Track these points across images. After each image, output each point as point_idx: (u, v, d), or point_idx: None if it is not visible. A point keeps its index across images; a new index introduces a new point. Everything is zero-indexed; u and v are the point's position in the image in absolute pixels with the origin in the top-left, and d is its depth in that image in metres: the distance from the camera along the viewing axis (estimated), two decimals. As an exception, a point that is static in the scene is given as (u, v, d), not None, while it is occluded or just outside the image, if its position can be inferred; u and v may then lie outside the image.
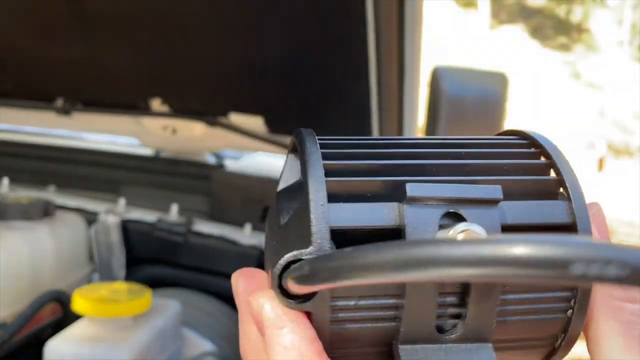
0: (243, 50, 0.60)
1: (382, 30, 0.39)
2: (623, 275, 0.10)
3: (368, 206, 0.15)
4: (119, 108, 0.75)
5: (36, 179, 0.81)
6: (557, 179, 0.17)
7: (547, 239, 0.10)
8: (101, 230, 0.70)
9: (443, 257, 0.11)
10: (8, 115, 0.81)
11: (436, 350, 0.16)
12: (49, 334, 0.52)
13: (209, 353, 0.57)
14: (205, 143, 0.80)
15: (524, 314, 0.16)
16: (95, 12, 0.60)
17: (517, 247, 0.10)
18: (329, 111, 0.68)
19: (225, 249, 0.69)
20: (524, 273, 0.10)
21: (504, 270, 0.10)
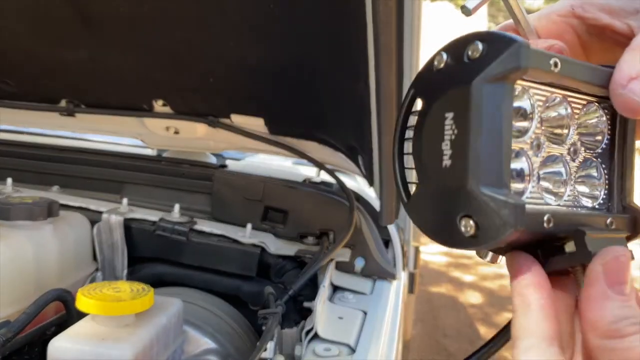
0: (244, 53, 0.61)
1: (381, 32, 0.40)
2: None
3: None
4: (122, 109, 0.76)
5: (40, 179, 0.82)
6: None
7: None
8: (104, 229, 0.70)
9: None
10: (13, 116, 0.81)
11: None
12: (52, 332, 0.53)
13: (211, 351, 0.58)
14: (207, 143, 0.81)
15: None
16: (99, 15, 0.60)
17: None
18: (329, 112, 0.68)
19: (226, 248, 0.70)
20: None
21: None
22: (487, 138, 0.18)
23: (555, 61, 0.19)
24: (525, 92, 0.20)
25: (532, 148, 0.20)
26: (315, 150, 0.76)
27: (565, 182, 0.21)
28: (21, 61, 0.72)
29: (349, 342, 0.53)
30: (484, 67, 0.18)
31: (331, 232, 0.73)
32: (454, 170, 0.19)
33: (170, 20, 0.58)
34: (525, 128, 0.20)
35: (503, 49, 0.18)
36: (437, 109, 0.20)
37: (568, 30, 0.23)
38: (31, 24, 0.64)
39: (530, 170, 0.20)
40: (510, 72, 0.18)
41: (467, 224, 0.19)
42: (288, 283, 0.67)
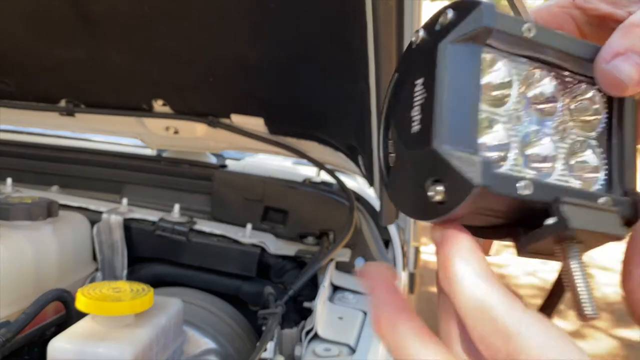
0: (244, 52, 0.61)
1: (381, 32, 0.40)
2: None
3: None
4: (121, 109, 0.76)
5: (40, 179, 0.82)
6: None
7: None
8: (104, 229, 0.70)
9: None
10: (12, 116, 0.81)
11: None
12: (52, 333, 0.53)
13: (211, 351, 0.58)
14: (207, 143, 0.81)
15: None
16: (98, 14, 0.60)
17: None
18: (329, 112, 0.68)
19: (226, 248, 0.70)
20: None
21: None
22: (452, 95, 0.18)
23: (529, 27, 0.19)
24: (498, 60, 0.19)
25: (511, 120, 0.20)
26: (315, 150, 0.76)
27: (553, 159, 0.20)
28: (20, 61, 0.72)
29: (349, 342, 0.53)
30: (452, 29, 0.18)
31: (331, 232, 0.72)
32: (421, 134, 0.18)
33: (170, 19, 0.58)
34: (502, 97, 0.19)
35: (470, 11, 0.18)
36: (409, 78, 0.19)
37: (569, 21, 0.22)
38: (31, 24, 0.64)
39: (508, 141, 0.19)
40: (475, 32, 0.18)
41: (435, 190, 0.18)
42: (288, 283, 0.67)
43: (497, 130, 0.19)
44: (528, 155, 0.20)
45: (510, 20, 0.19)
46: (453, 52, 0.18)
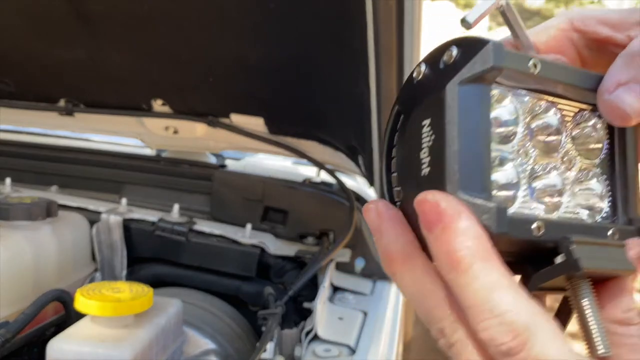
0: (244, 52, 0.61)
1: (381, 32, 0.39)
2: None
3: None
4: (121, 109, 0.76)
5: (39, 179, 0.82)
6: None
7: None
8: (103, 229, 0.70)
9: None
10: (11, 116, 0.81)
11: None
12: (51, 333, 0.52)
13: (210, 351, 0.57)
14: (206, 143, 0.80)
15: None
16: (98, 14, 0.60)
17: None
18: (329, 112, 0.68)
19: (226, 248, 0.70)
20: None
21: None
22: (463, 140, 0.17)
23: (535, 62, 0.19)
24: (506, 97, 0.19)
25: (520, 156, 0.20)
26: (315, 150, 0.76)
27: (560, 192, 0.20)
28: (20, 60, 0.71)
29: (349, 343, 0.53)
30: (458, 70, 0.18)
31: (331, 233, 0.72)
32: (432, 177, 0.18)
33: (170, 19, 0.58)
34: (510, 134, 0.19)
35: (476, 50, 0.18)
36: (415, 118, 0.19)
37: (568, 45, 0.22)
38: (30, 23, 0.64)
39: (518, 178, 0.19)
40: (485, 73, 0.18)
41: None
42: (288, 283, 0.67)
43: (507, 169, 0.19)
44: (536, 189, 0.20)
45: (516, 58, 0.19)
46: (462, 94, 0.18)
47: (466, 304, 0.16)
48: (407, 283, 0.18)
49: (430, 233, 0.17)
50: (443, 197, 0.17)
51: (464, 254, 0.16)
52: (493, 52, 0.18)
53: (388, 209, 0.19)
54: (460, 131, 0.18)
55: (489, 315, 0.16)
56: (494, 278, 0.16)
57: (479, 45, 0.18)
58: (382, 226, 0.19)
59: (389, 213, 0.19)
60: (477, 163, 0.18)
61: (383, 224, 0.19)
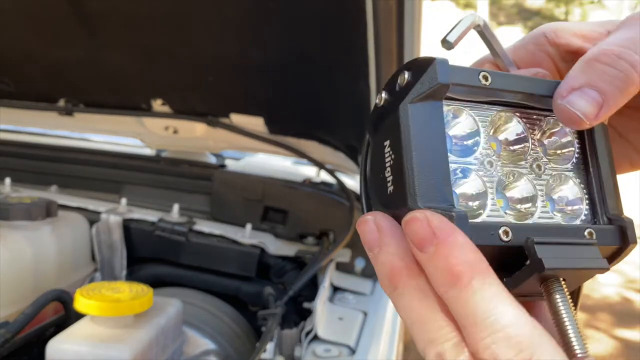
0: (244, 52, 0.61)
1: (381, 32, 0.39)
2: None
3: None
4: (120, 108, 0.76)
5: (39, 179, 0.82)
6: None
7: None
8: (103, 229, 0.70)
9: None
10: (11, 116, 0.81)
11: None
12: (51, 333, 0.52)
13: (210, 351, 0.57)
14: (206, 143, 0.80)
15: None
16: (97, 14, 0.60)
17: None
18: (329, 112, 0.68)
19: (226, 248, 0.70)
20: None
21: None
22: (418, 154, 0.18)
23: (485, 75, 0.19)
24: (462, 111, 0.20)
25: (485, 166, 0.20)
26: (315, 150, 0.76)
27: (533, 199, 0.20)
28: (19, 60, 0.71)
29: (349, 343, 0.53)
30: (409, 89, 0.19)
31: (331, 233, 0.72)
32: (395, 195, 0.19)
33: (169, 19, 0.58)
34: (471, 146, 0.20)
35: (424, 69, 0.19)
36: (378, 141, 0.20)
37: (544, 58, 0.23)
38: (29, 24, 0.64)
39: (485, 188, 0.19)
40: (433, 90, 0.18)
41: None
42: (288, 283, 0.67)
43: (472, 179, 0.19)
44: (508, 198, 0.20)
45: (465, 72, 0.19)
46: (414, 111, 0.18)
47: (467, 321, 0.16)
48: (407, 301, 0.18)
49: (423, 251, 0.17)
50: (434, 215, 0.17)
51: (463, 268, 0.16)
52: (439, 70, 0.18)
53: (388, 222, 0.19)
54: (414, 146, 0.18)
55: (490, 331, 0.16)
56: (494, 292, 0.16)
57: (426, 65, 0.19)
58: (383, 240, 0.19)
59: (390, 225, 0.19)
60: (434, 175, 0.18)
61: (385, 238, 0.19)
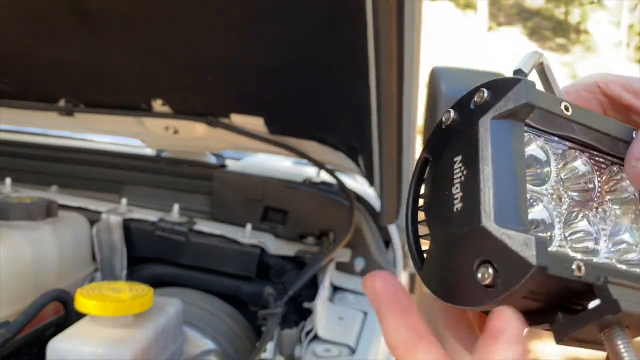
0: (244, 52, 0.61)
1: (381, 32, 0.39)
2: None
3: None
4: (121, 109, 0.76)
5: (39, 179, 0.82)
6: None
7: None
8: (103, 229, 0.70)
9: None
10: (11, 116, 0.81)
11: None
12: (51, 333, 0.52)
13: (210, 351, 0.57)
14: (206, 143, 0.80)
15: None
16: (98, 14, 0.60)
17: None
18: (329, 112, 0.68)
19: (226, 248, 0.70)
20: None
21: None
22: (497, 172, 0.17)
23: (567, 105, 0.19)
24: (537, 139, 0.19)
25: (553, 200, 0.19)
26: (315, 150, 0.76)
27: (596, 241, 0.20)
28: (19, 60, 0.71)
29: (349, 343, 0.53)
30: (490, 107, 0.18)
31: (331, 232, 0.72)
32: (466, 212, 0.17)
33: (169, 19, 0.58)
34: (543, 176, 0.19)
35: (509, 88, 0.18)
36: (446, 158, 0.19)
37: (595, 105, 0.22)
38: (29, 23, 0.64)
39: (552, 220, 0.18)
40: (518, 109, 0.18)
41: (484, 271, 0.16)
42: (288, 283, 0.67)
43: (541, 209, 0.19)
44: (570, 235, 0.19)
45: (549, 98, 0.19)
46: (495, 127, 0.18)
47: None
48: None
49: (494, 340, 0.17)
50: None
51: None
52: (526, 89, 0.18)
53: (386, 287, 0.18)
54: (494, 163, 0.17)
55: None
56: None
57: (511, 83, 0.18)
58: (381, 309, 0.18)
59: (387, 292, 0.18)
60: (512, 196, 0.17)
61: (382, 307, 0.18)
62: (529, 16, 9.26)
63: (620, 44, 8.87)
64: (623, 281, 0.17)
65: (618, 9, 9.05)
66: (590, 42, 9.21)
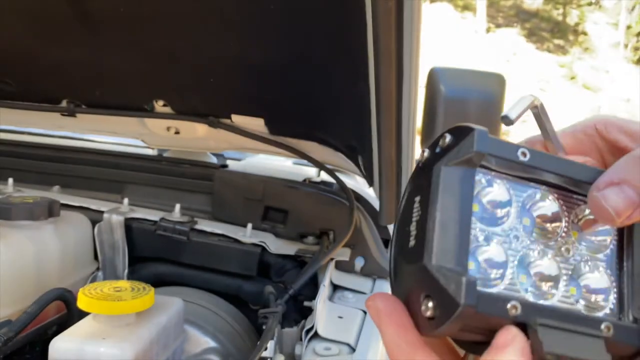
0: (245, 53, 0.61)
1: (381, 32, 0.40)
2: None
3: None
4: (122, 109, 0.76)
5: (41, 179, 0.82)
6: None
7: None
8: (105, 229, 0.70)
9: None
10: (13, 117, 0.81)
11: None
12: (53, 332, 0.53)
13: (211, 350, 0.58)
14: (207, 144, 0.81)
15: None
16: (99, 14, 0.61)
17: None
18: (329, 113, 0.69)
19: (227, 248, 0.70)
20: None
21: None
22: (442, 215, 0.18)
23: (524, 151, 0.20)
24: (495, 182, 0.20)
25: (509, 239, 0.20)
26: (315, 150, 0.77)
27: (555, 280, 0.20)
28: (21, 61, 0.72)
29: (349, 341, 0.53)
30: (447, 153, 0.20)
31: (331, 232, 0.73)
32: (415, 249, 0.19)
33: (170, 19, 0.59)
34: (500, 216, 0.20)
35: (464, 136, 0.19)
36: (410, 196, 0.21)
37: (593, 149, 0.23)
38: (31, 24, 0.64)
39: (506, 258, 0.19)
40: (469, 157, 0.19)
41: (426, 305, 0.18)
42: (288, 282, 0.67)
43: (493, 248, 0.20)
44: (532, 275, 0.20)
45: (503, 146, 0.20)
46: (446, 174, 0.19)
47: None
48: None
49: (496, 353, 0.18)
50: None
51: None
52: (477, 139, 0.19)
53: (386, 305, 0.20)
54: (440, 206, 0.19)
55: None
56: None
57: (466, 132, 0.20)
58: (382, 325, 0.19)
59: (387, 310, 0.19)
60: (454, 237, 0.18)
61: (383, 323, 0.19)
62: (527, 17, 9.28)
63: (618, 45, 8.88)
64: (559, 324, 0.18)
65: (616, 10, 9.06)
66: (588, 43, 9.22)
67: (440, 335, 0.18)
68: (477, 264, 0.19)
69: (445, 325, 0.18)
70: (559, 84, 7.91)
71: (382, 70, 0.42)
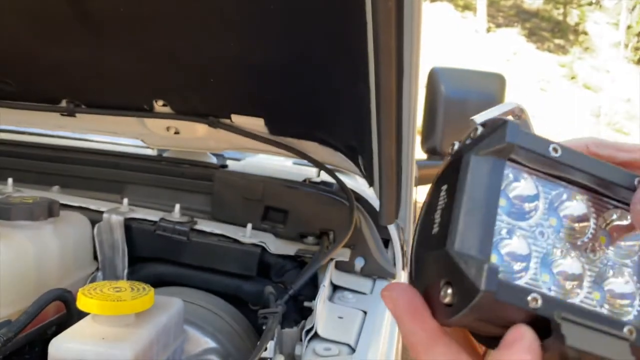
0: (245, 53, 0.61)
1: (381, 32, 0.40)
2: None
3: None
4: (122, 109, 0.76)
5: (40, 179, 0.82)
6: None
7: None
8: (105, 229, 0.70)
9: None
10: (13, 117, 0.81)
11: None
12: (53, 332, 0.53)
13: (211, 350, 0.58)
14: (207, 144, 0.81)
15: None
16: (99, 14, 0.61)
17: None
18: (329, 113, 0.69)
19: (227, 248, 0.70)
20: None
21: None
22: (469, 203, 0.18)
23: (555, 147, 0.20)
24: (524, 176, 0.20)
25: (534, 234, 0.20)
26: (315, 150, 0.76)
27: (579, 280, 0.20)
28: (21, 61, 0.72)
29: (349, 342, 0.53)
30: (478, 143, 0.20)
31: (331, 232, 0.73)
32: (438, 236, 0.19)
33: (170, 19, 0.59)
34: (527, 211, 0.20)
35: (497, 127, 0.20)
36: (437, 185, 0.21)
37: None
38: (31, 24, 0.64)
39: (529, 252, 0.19)
40: (499, 148, 0.19)
41: (446, 291, 0.18)
42: (288, 283, 0.67)
43: (517, 241, 0.19)
44: (554, 272, 0.20)
45: (536, 140, 0.20)
46: (476, 163, 0.19)
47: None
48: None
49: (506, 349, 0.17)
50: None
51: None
52: (509, 130, 0.19)
53: (403, 295, 0.19)
54: (467, 195, 0.19)
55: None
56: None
57: (498, 123, 0.20)
58: (399, 314, 0.19)
59: (405, 300, 0.19)
60: (479, 226, 0.18)
61: (399, 312, 0.19)
62: (528, 17, 9.29)
63: (618, 45, 8.88)
64: (583, 321, 0.18)
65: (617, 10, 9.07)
66: (588, 43, 9.22)
67: (458, 323, 0.18)
68: (500, 256, 0.19)
69: (463, 311, 0.17)
70: (559, 83, 7.91)
71: (382, 70, 0.42)
